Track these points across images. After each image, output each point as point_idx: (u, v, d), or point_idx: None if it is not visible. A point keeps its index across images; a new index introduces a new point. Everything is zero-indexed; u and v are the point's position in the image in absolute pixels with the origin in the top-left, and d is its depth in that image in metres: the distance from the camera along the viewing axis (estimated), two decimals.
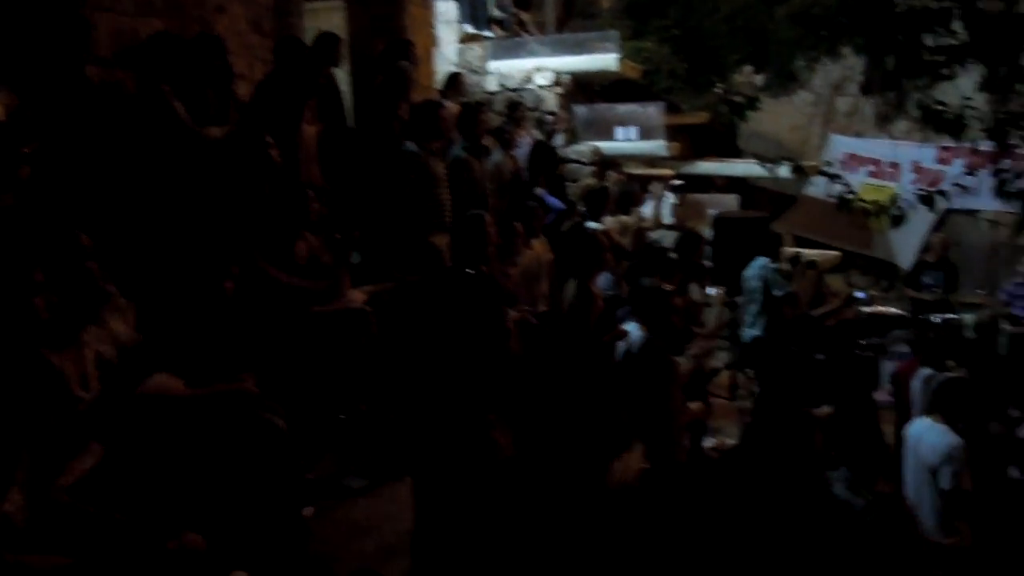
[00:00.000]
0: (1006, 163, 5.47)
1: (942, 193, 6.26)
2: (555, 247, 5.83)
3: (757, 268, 7.21)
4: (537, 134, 8.45)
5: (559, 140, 9.46)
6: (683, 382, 4.76)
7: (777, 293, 7.05)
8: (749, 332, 7.29)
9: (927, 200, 5.90)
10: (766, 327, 7.11)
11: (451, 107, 6.41)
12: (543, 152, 7.60)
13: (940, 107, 5.36)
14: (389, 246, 5.31)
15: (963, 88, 5.40)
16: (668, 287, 5.14)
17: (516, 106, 8.07)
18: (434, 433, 3.07)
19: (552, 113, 9.76)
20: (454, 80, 7.78)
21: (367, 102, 6.16)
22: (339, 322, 4.24)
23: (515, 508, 2.78)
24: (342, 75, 6.35)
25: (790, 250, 8.43)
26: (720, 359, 7.45)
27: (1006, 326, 7.48)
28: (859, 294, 8.30)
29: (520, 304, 5.01)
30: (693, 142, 11.45)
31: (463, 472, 2.88)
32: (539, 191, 7.05)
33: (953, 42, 5.43)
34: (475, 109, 6.55)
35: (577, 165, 9.48)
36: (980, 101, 5.30)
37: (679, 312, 4.79)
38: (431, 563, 2.92)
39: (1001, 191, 5.46)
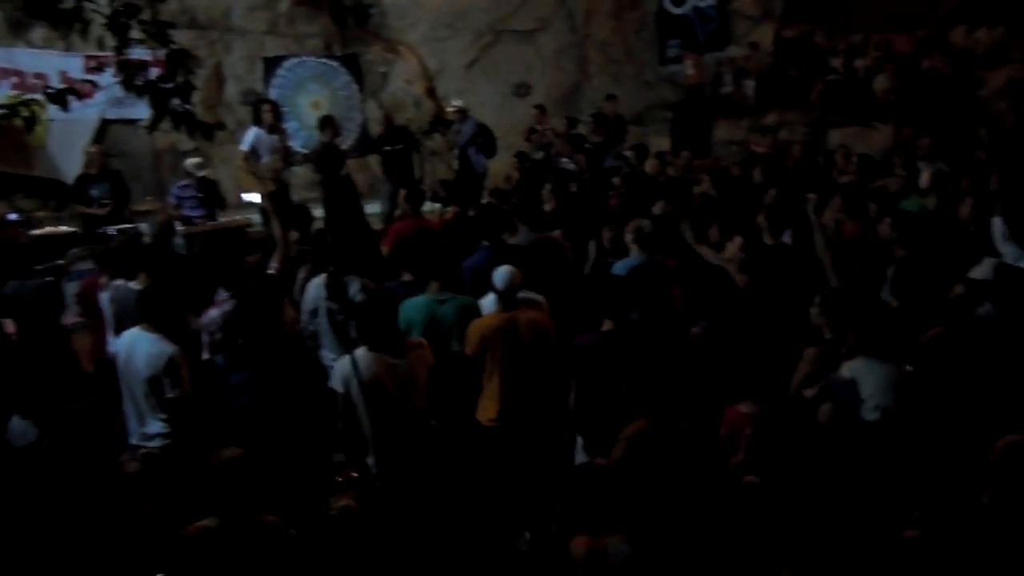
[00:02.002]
0: (131, 58, 5.42)
1: (74, 92, 5.91)
2: None
3: None
4: None
5: None
6: None
7: None
8: None
9: (56, 99, 5.52)
10: None
11: None
12: None
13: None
14: None
15: None
16: None
17: None
18: None
19: None
20: None
21: None
22: None
23: None
24: None
25: None
26: None
27: (179, 227, 7.83)
28: (12, 216, 7.65)
29: None
30: None
31: None
32: None
33: None
34: None
35: None
36: None
37: None
38: None
39: (129, 85, 5.41)
